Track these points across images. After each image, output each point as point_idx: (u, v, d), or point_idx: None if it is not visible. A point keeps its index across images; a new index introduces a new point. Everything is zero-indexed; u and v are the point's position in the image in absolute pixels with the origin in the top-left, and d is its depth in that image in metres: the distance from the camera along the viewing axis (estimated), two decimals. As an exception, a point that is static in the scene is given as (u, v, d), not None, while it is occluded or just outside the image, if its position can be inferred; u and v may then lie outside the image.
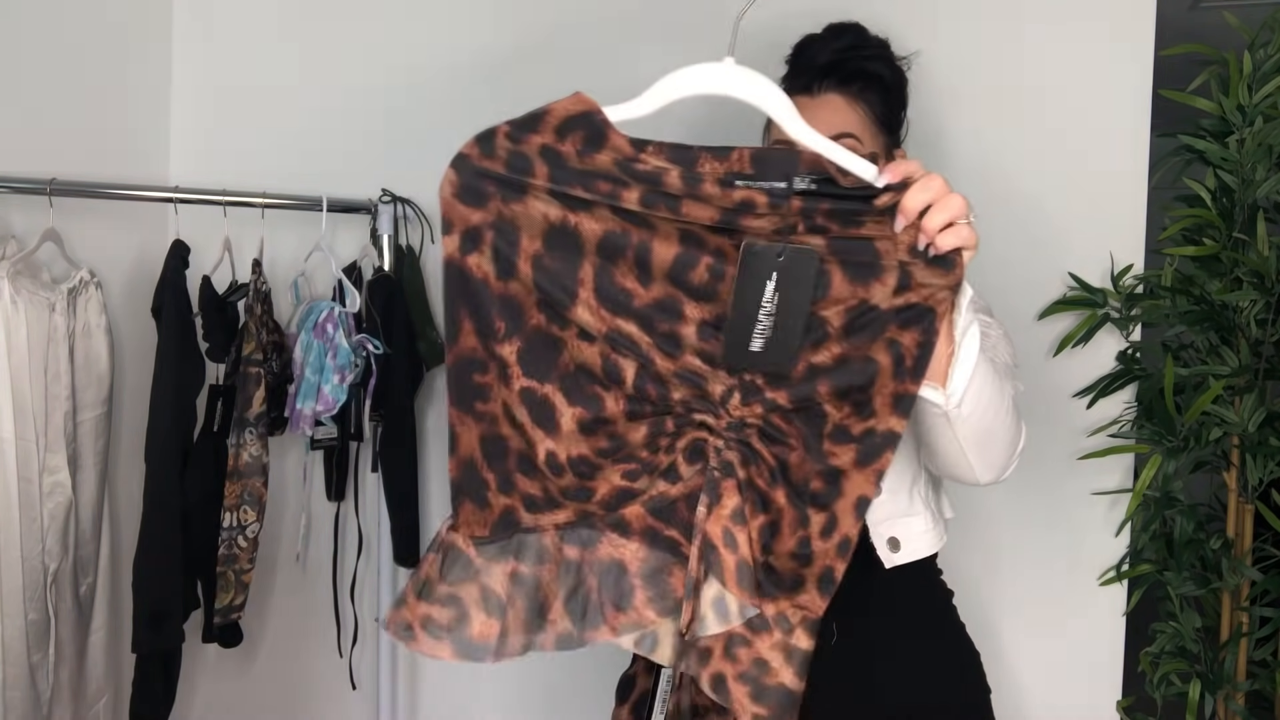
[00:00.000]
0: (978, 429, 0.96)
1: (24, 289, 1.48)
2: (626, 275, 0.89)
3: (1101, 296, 1.59)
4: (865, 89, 1.18)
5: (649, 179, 0.84)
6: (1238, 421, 1.53)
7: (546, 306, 0.90)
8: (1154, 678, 1.61)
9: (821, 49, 1.20)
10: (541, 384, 0.92)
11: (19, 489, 1.49)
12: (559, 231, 0.88)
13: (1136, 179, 1.60)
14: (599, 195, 0.85)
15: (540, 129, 0.86)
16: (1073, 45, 1.60)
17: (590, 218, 0.87)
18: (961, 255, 0.84)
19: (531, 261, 0.89)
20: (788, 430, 0.91)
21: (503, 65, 1.86)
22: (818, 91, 1.18)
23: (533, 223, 0.88)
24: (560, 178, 0.86)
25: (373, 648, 1.93)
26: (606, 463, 0.94)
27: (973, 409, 0.93)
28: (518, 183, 0.86)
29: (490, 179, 0.87)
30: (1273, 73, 1.49)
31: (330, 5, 1.94)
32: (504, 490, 0.96)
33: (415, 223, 1.87)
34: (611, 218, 0.87)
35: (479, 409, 0.93)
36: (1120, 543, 1.63)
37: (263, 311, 1.68)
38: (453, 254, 0.89)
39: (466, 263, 0.89)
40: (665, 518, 0.96)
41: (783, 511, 0.93)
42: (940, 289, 0.85)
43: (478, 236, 0.88)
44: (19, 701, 1.51)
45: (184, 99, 2.01)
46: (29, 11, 1.65)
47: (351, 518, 1.93)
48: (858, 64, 1.18)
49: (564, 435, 0.93)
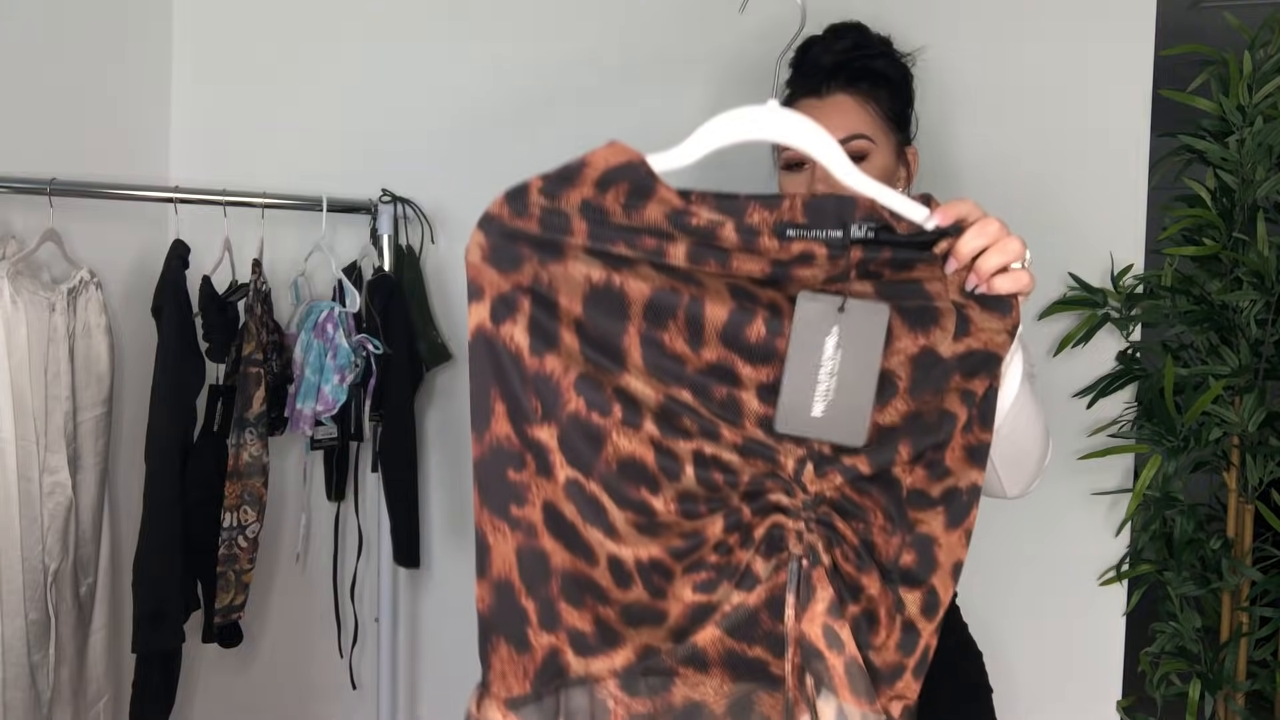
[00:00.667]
0: (1014, 450, 0.96)
1: (24, 289, 1.48)
2: (676, 338, 0.80)
3: (1101, 296, 1.59)
4: (873, 88, 1.18)
5: (701, 233, 0.78)
6: (1238, 421, 1.53)
7: (587, 387, 0.80)
8: (1154, 678, 1.61)
9: (825, 50, 1.20)
10: (587, 478, 0.81)
11: (19, 489, 1.49)
12: (602, 294, 0.79)
13: (1136, 179, 1.60)
14: (644, 252, 0.78)
15: (578, 182, 0.78)
16: (1073, 45, 1.60)
17: (635, 276, 0.79)
18: (1018, 297, 0.80)
19: (574, 328, 0.80)
20: (863, 503, 0.82)
21: (503, 64, 1.86)
22: (826, 93, 1.18)
23: (573, 285, 0.79)
24: (602, 235, 0.78)
25: (373, 648, 1.93)
26: (678, 568, 0.82)
27: (1011, 432, 0.92)
28: (555, 243, 0.78)
29: (524, 240, 0.78)
30: (1273, 73, 1.50)
31: (330, 5, 1.94)
32: (547, 625, 0.81)
33: (415, 223, 1.87)
34: (657, 275, 0.79)
35: (515, 514, 0.80)
36: (1120, 543, 1.63)
37: (263, 311, 1.68)
38: (482, 323, 0.79)
39: (499, 333, 0.79)
40: (746, 635, 0.82)
41: (876, 599, 0.82)
42: (999, 332, 0.80)
43: (511, 303, 0.79)
44: (19, 701, 1.51)
45: (184, 99, 2.01)
46: (29, 11, 1.65)
47: (351, 518, 1.93)
48: (863, 63, 1.18)
49: (625, 536, 0.81)
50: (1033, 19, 1.61)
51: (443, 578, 1.96)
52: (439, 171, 1.89)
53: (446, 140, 1.89)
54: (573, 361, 0.80)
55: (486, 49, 1.86)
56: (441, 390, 1.92)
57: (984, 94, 1.64)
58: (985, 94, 1.64)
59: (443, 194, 1.87)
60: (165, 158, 2.00)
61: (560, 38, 1.83)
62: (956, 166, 1.64)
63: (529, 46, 1.84)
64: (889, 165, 1.21)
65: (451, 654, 1.97)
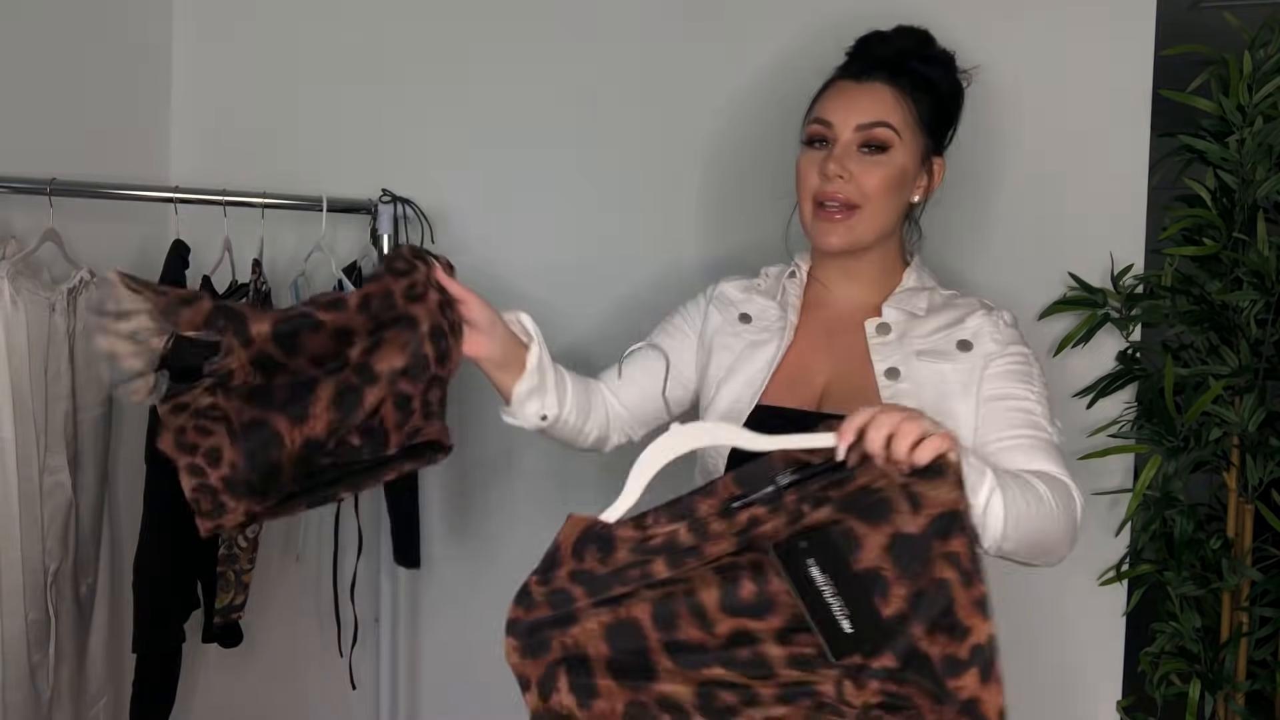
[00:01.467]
0: (1029, 550, 1.01)
1: (24, 289, 1.48)
2: (690, 629, 0.91)
3: (1101, 296, 1.59)
4: (915, 89, 1.20)
5: (666, 547, 0.90)
6: (1238, 421, 1.53)
7: (635, 711, 0.93)
8: (1154, 678, 1.61)
9: (884, 44, 1.23)
10: None
11: (19, 489, 1.49)
12: (617, 628, 0.93)
13: (1136, 179, 1.60)
14: (634, 582, 0.91)
15: (560, 561, 0.93)
16: (1073, 45, 1.60)
17: (637, 602, 0.92)
18: (947, 457, 0.86)
19: (606, 667, 0.93)
20: (906, 692, 0.89)
21: (503, 63, 1.86)
22: (865, 79, 1.20)
23: (593, 635, 0.94)
24: (597, 588, 0.92)
25: (373, 648, 1.93)
26: None
27: (1016, 545, 0.98)
28: (567, 614, 0.93)
29: (544, 626, 0.94)
30: (1273, 73, 1.49)
31: (330, 5, 1.94)
32: None
33: (415, 223, 1.87)
34: (653, 593, 0.92)
35: None
36: (1120, 543, 1.63)
37: (263, 311, 1.68)
38: (536, 707, 0.95)
39: (551, 705, 0.94)
40: None
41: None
42: (948, 491, 0.87)
43: (553, 678, 0.94)
44: (19, 701, 1.51)
45: (184, 99, 2.01)
46: (29, 11, 1.65)
47: (351, 518, 1.93)
48: (915, 64, 1.21)
49: None
50: (1032, 19, 1.61)
51: (443, 578, 1.96)
52: (439, 171, 1.89)
53: (446, 140, 1.89)
54: (615, 696, 0.93)
55: (487, 48, 1.86)
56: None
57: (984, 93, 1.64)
58: (985, 93, 1.64)
59: (443, 194, 1.87)
60: (165, 158, 2.00)
61: (560, 37, 1.83)
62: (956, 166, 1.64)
63: (529, 46, 1.84)
64: (909, 167, 1.21)
65: (451, 654, 1.97)
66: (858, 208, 1.18)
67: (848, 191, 1.18)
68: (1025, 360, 1.18)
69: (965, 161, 1.64)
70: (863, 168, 1.18)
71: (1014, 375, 1.16)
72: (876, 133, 1.17)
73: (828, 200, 1.19)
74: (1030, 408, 1.13)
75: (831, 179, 1.18)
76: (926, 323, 1.21)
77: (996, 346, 1.17)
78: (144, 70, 1.95)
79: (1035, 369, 1.18)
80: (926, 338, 1.19)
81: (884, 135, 1.17)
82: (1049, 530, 1.01)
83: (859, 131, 1.18)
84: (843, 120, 1.19)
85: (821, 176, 1.18)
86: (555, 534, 0.94)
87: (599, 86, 1.81)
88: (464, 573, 1.95)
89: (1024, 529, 0.97)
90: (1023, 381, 1.15)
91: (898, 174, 1.19)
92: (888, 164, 1.18)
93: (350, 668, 1.91)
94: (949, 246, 1.63)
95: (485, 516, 1.93)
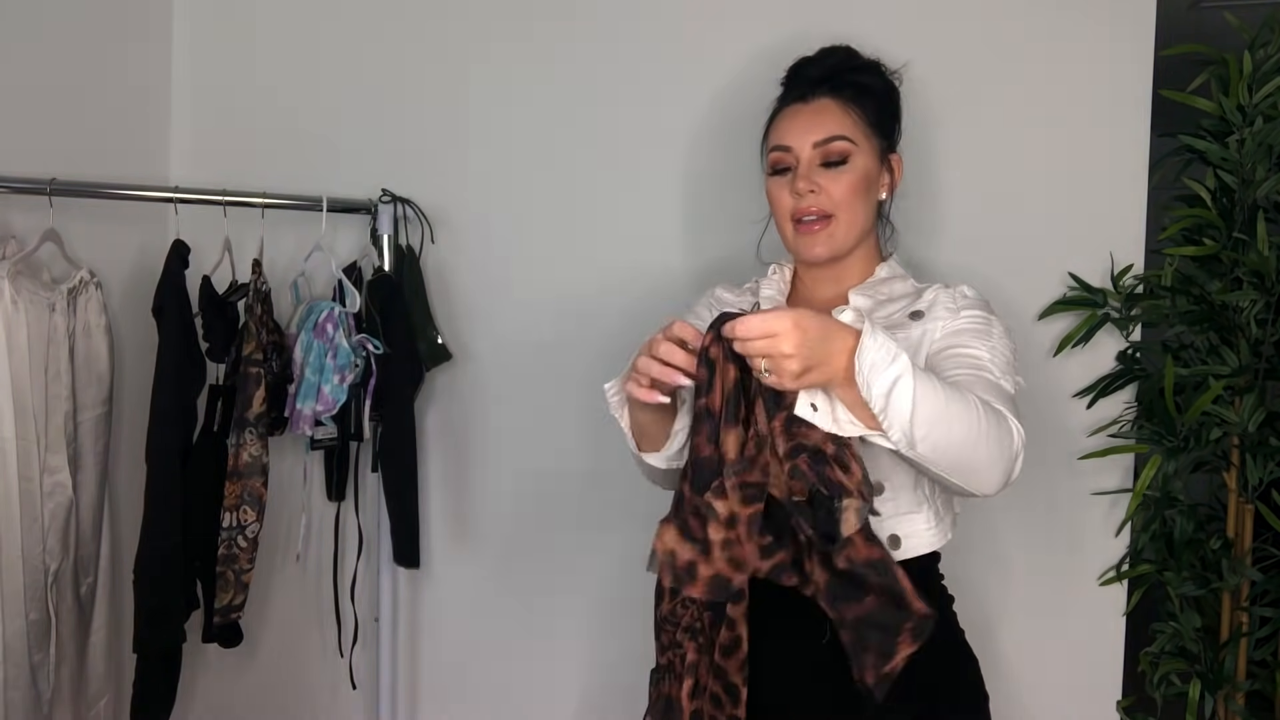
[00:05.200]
0: (951, 460, 0.99)
1: (24, 289, 1.48)
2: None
3: (1101, 296, 1.59)
4: (858, 96, 1.27)
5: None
6: (1238, 421, 1.53)
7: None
8: (1154, 678, 1.61)
9: (815, 65, 1.31)
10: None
11: (19, 489, 1.49)
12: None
13: (1136, 179, 1.60)
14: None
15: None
16: (1073, 45, 1.60)
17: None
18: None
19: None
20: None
21: (502, 62, 1.86)
22: (811, 98, 1.28)
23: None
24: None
25: (373, 648, 1.94)
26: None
27: (933, 449, 0.96)
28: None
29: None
30: (1273, 73, 1.49)
31: (330, 5, 1.94)
32: None
33: (415, 223, 1.87)
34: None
35: None
36: (1120, 543, 1.63)
37: (263, 311, 1.68)
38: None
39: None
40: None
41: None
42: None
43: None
44: (20, 701, 1.51)
45: (184, 99, 2.01)
46: (29, 11, 1.65)
47: (351, 518, 1.93)
48: (850, 76, 1.28)
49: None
50: (1032, 19, 1.61)
51: (443, 578, 1.96)
52: (439, 171, 1.89)
53: (446, 140, 1.89)
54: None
55: (486, 48, 1.86)
56: (441, 390, 1.92)
57: (984, 94, 1.64)
58: (985, 94, 1.64)
59: (443, 194, 1.87)
60: (165, 158, 2.00)
61: (560, 37, 1.83)
62: (957, 166, 1.64)
63: (529, 45, 1.84)
64: (871, 169, 1.27)
65: (451, 654, 1.97)
66: (832, 216, 1.25)
67: (820, 203, 1.24)
68: (983, 321, 1.18)
69: (965, 161, 1.64)
70: (829, 179, 1.24)
71: (966, 333, 1.17)
72: (834, 146, 1.24)
73: (804, 215, 1.25)
74: (976, 355, 1.13)
75: (804, 195, 1.24)
76: (891, 305, 1.25)
77: (948, 314, 1.19)
78: (144, 70, 1.95)
79: (996, 329, 1.18)
80: (888, 317, 1.23)
81: (842, 148, 1.25)
82: (974, 444, 0.98)
83: (818, 148, 1.25)
84: (800, 141, 1.26)
85: (794, 195, 1.25)
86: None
87: (599, 86, 1.81)
88: (464, 573, 1.95)
89: (940, 432, 0.95)
90: (977, 338, 1.16)
91: (862, 178, 1.25)
92: (851, 171, 1.25)
93: (350, 668, 1.91)
94: (949, 246, 1.63)
95: (485, 516, 1.93)
